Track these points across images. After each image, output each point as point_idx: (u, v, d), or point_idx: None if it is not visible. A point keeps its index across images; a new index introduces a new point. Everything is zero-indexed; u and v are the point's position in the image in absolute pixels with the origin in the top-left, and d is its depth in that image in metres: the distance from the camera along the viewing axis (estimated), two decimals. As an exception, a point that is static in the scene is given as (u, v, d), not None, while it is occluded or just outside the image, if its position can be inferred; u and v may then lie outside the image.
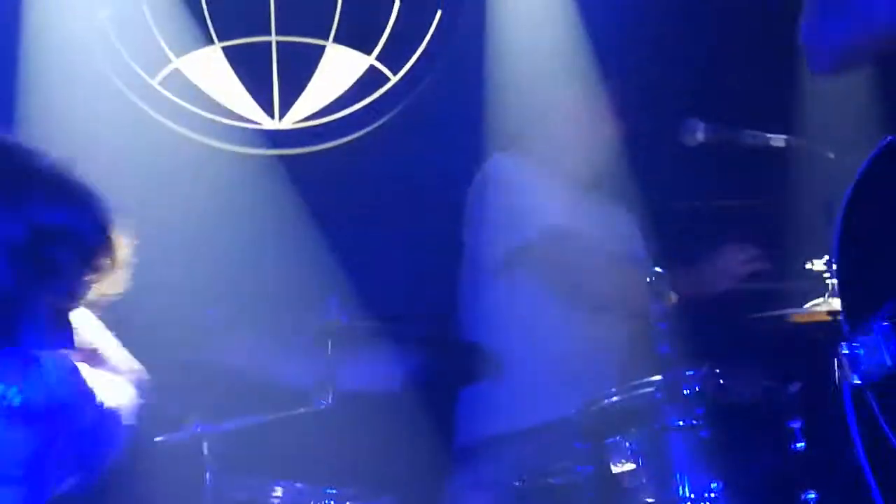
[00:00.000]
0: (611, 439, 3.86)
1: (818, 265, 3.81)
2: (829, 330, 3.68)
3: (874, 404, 2.49)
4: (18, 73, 5.05)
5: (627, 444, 3.82)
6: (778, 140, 4.21)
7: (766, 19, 5.05)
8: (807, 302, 3.86)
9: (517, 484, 3.98)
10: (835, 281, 2.77)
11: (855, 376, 2.48)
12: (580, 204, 4.74)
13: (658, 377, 3.84)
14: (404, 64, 5.32)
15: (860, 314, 2.54)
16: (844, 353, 2.48)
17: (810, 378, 3.83)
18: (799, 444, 3.88)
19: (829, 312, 3.79)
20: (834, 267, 2.67)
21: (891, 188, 2.61)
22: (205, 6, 5.17)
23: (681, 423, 3.79)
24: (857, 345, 2.51)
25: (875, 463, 2.50)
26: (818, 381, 3.85)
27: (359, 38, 5.37)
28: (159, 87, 5.23)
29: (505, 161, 4.76)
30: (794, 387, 3.91)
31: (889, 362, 2.47)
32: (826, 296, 3.86)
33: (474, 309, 4.78)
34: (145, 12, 5.15)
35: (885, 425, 2.46)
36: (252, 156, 5.23)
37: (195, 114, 5.25)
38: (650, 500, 3.84)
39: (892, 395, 2.49)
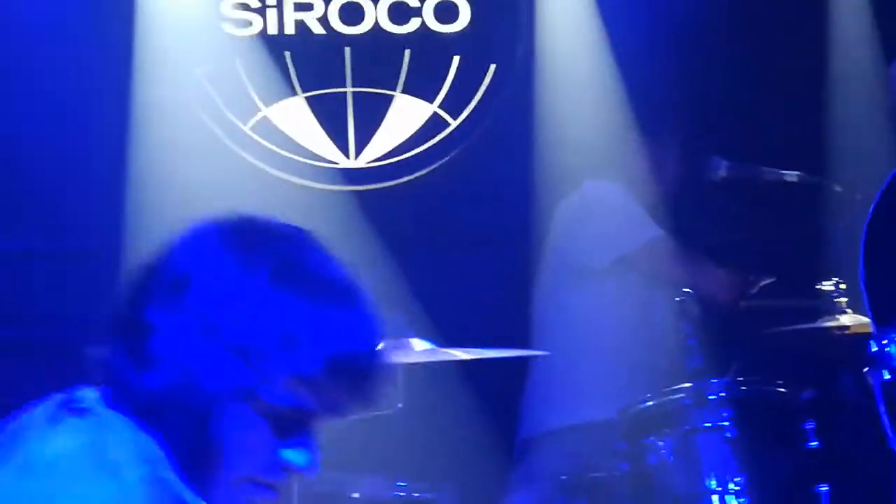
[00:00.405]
0: (647, 439, 3.84)
1: (827, 286, 3.82)
2: (838, 343, 3.69)
3: None
4: (130, 131, 4.99)
5: (661, 443, 3.84)
6: (791, 176, 4.22)
7: (786, 63, 5.06)
8: (818, 319, 3.85)
9: (563, 478, 4.02)
10: (845, 299, 2.70)
11: (885, 371, 2.46)
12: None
13: (688, 384, 3.87)
14: (463, 111, 5.26)
15: (887, 315, 2.50)
16: (874, 350, 2.46)
17: (821, 385, 3.82)
18: (812, 443, 3.88)
19: (838, 328, 3.80)
20: (860, 276, 2.59)
21: None
22: (289, 61, 5.18)
23: (708, 424, 3.81)
24: (887, 342, 2.48)
25: None
26: (829, 388, 3.87)
27: (423, 89, 5.29)
28: (250, 133, 5.20)
29: (602, 185, 4.71)
30: (808, 393, 3.92)
31: None
32: (835, 314, 3.85)
33: (553, 313, 4.69)
34: (238, 68, 5.16)
35: None
36: (330, 191, 5.19)
37: (281, 155, 5.23)
38: (684, 491, 3.81)
39: None
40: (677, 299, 4.16)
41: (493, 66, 5.31)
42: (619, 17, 5.10)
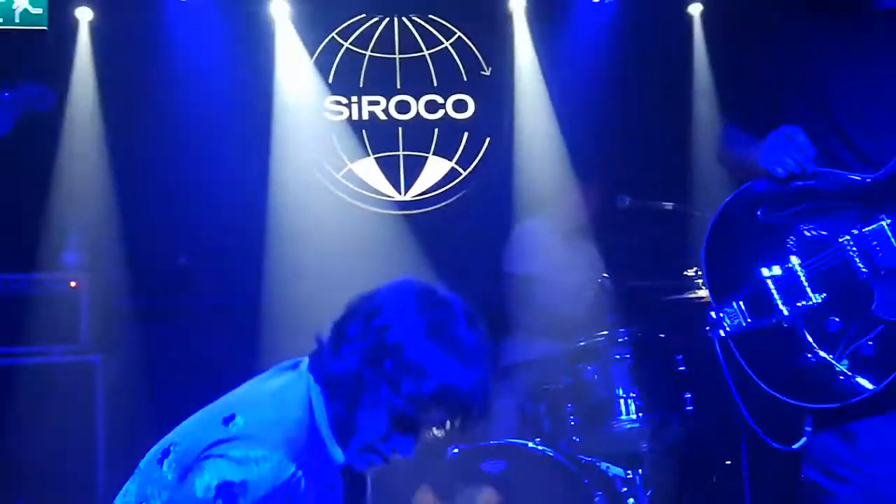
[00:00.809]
0: (580, 365, 3.80)
1: (690, 273, 3.80)
2: (697, 307, 3.68)
3: (735, 349, 2.36)
4: (270, 183, 4.92)
5: (589, 367, 3.78)
6: (669, 205, 4.19)
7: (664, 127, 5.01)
8: (685, 292, 3.84)
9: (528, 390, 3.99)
10: (701, 281, 2.67)
11: (720, 331, 2.37)
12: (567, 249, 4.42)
13: (605, 332, 3.84)
14: (470, 165, 5.24)
15: (718, 295, 2.41)
16: (712, 317, 2.39)
17: (687, 334, 3.81)
18: (681, 368, 3.87)
19: (697, 298, 3.78)
20: (702, 269, 2.51)
21: (739, 214, 2.45)
22: (364, 135, 5.19)
23: (617, 357, 3.78)
24: (723, 315, 2.38)
25: (739, 386, 2.34)
26: (691, 336, 3.85)
27: (446, 152, 5.26)
28: (341, 179, 5.18)
29: (529, 222, 4.55)
30: (678, 338, 3.91)
31: (744, 323, 2.35)
32: (695, 289, 3.79)
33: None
34: (334, 139, 5.16)
35: (742, 361, 2.35)
36: (389, 215, 5.16)
37: (359, 193, 5.19)
38: (603, 397, 3.72)
39: (747, 344, 2.36)
40: (599, 280, 4.16)
41: (488, 139, 5.29)
42: (563, 101, 5.05)
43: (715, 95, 4.92)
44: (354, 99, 5.23)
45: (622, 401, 3.72)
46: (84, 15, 4.70)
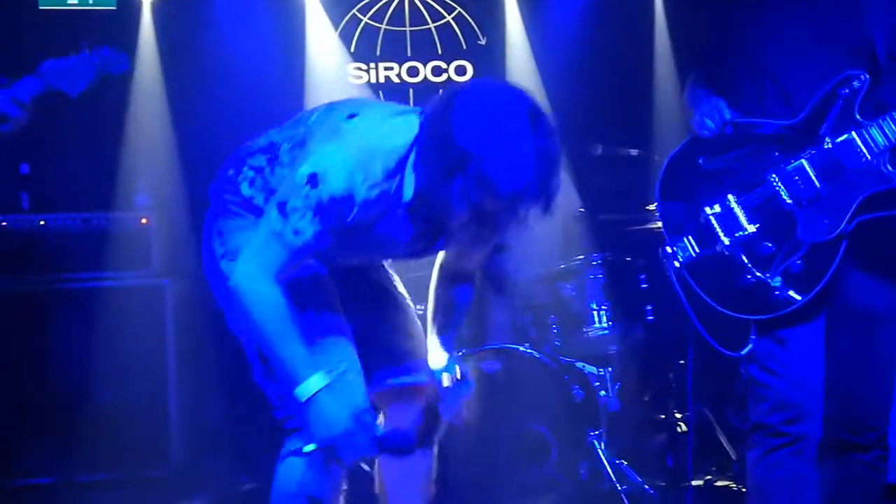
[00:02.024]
0: (560, 283, 3.82)
1: (651, 207, 3.78)
2: (658, 237, 3.68)
3: (687, 275, 2.33)
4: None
5: (568, 285, 3.81)
6: (633, 151, 4.18)
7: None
8: (648, 223, 3.78)
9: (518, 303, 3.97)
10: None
11: (676, 262, 2.34)
12: None
13: (581, 256, 3.86)
14: None
15: (670, 230, 2.38)
16: (668, 252, 2.35)
17: (650, 258, 3.81)
18: (643, 286, 3.89)
19: (658, 228, 3.77)
20: (657, 206, 2.46)
21: (684, 163, 2.39)
22: (381, 96, 5.09)
23: (591, 276, 3.80)
24: (676, 248, 2.34)
25: (695, 309, 2.32)
26: (654, 259, 3.84)
27: None
28: None
29: None
30: (641, 261, 3.92)
31: (694, 253, 2.31)
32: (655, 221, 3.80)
33: None
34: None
35: (693, 285, 2.32)
36: None
37: None
38: (579, 309, 3.76)
39: (698, 270, 2.32)
40: (576, 214, 4.16)
41: None
42: (547, 65, 4.93)
43: (673, 58, 4.87)
44: (372, 65, 5.14)
45: (595, 312, 3.77)
46: None
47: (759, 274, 2.26)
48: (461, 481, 3.28)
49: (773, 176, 2.26)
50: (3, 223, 3.91)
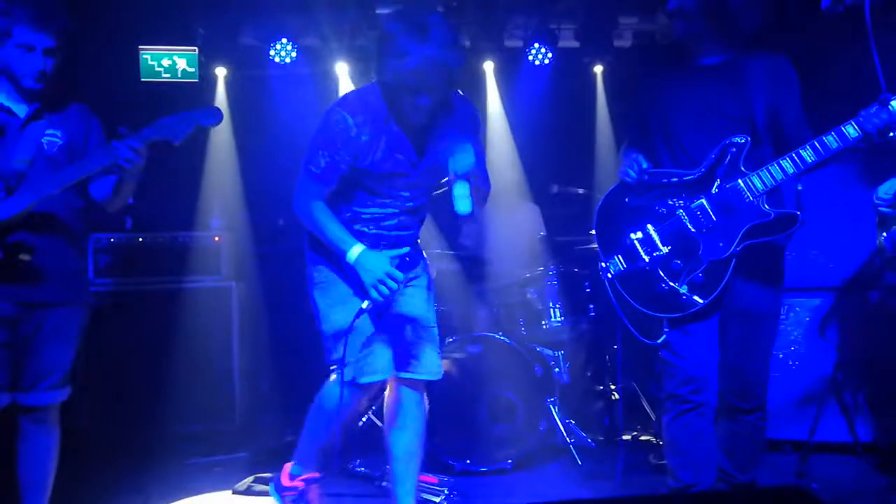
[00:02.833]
0: (525, 289, 3.78)
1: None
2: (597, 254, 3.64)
3: (618, 284, 2.37)
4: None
5: (532, 290, 3.77)
6: (580, 190, 4.17)
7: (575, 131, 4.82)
8: (591, 244, 3.79)
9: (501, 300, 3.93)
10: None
11: (609, 274, 2.38)
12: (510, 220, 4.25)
13: (542, 268, 3.82)
14: None
15: (606, 251, 2.42)
16: (602, 265, 2.40)
17: (592, 269, 3.78)
18: (587, 290, 3.87)
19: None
20: (594, 228, 2.50)
21: (615, 200, 2.44)
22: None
23: (548, 283, 3.77)
24: (608, 264, 2.39)
25: (622, 306, 2.36)
26: (595, 270, 3.80)
27: None
28: None
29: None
30: (585, 272, 3.86)
31: (622, 268, 2.35)
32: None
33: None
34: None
35: (625, 294, 2.36)
36: None
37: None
38: (540, 307, 3.72)
39: (625, 280, 2.36)
40: (538, 236, 4.13)
41: None
42: (517, 125, 4.88)
43: (610, 122, 4.87)
44: (387, 124, 5.17)
45: (551, 309, 3.77)
46: (221, 72, 4.64)
47: (671, 283, 2.30)
48: (450, 434, 3.30)
49: (681, 211, 2.34)
50: (112, 239, 3.91)
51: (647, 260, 2.33)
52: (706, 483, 2.33)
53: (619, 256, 2.38)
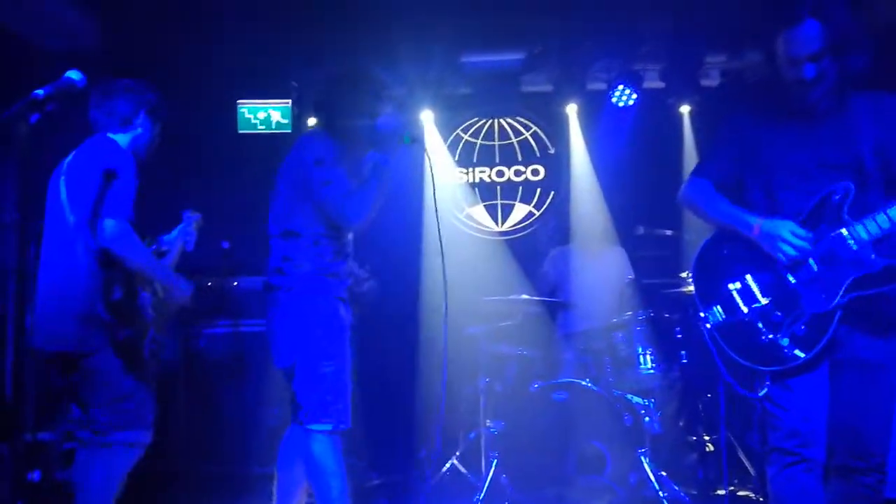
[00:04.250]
0: (614, 333, 3.70)
1: (684, 275, 3.69)
2: (689, 298, 3.54)
3: (717, 335, 2.23)
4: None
5: (620, 334, 3.68)
6: (668, 232, 4.10)
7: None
8: (683, 287, 3.67)
9: (582, 349, 3.89)
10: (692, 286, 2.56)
11: (707, 325, 2.27)
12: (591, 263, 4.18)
13: (630, 313, 3.75)
14: (541, 209, 5.17)
15: (705, 301, 2.29)
16: (702, 316, 2.26)
17: (683, 314, 3.71)
18: (678, 336, 3.74)
19: (689, 292, 3.64)
20: (691, 277, 2.38)
21: (713, 249, 2.31)
22: (476, 191, 5.20)
23: (637, 328, 3.69)
24: (707, 314, 2.23)
25: (723, 361, 2.23)
26: (686, 315, 3.70)
27: (526, 200, 5.19)
28: (463, 217, 5.18)
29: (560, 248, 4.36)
30: (676, 317, 3.77)
31: (721, 318, 2.22)
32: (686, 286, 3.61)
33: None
34: (458, 194, 5.17)
35: (724, 346, 2.22)
36: (491, 240, 5.11)
37: (473, 225, 5.17)
38: (629, 353, 3.63)
39: (725, 331, 2.22)
40: (627, 280, 4.06)
41: (553, 192, 5.22)
42: (601, 168, 4.88)
43: (697, 159, 4.78)
44: (470, 169, 5.25)
45: (641, 356, 3.67)
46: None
47: (770, 336, 2.19)
48: (537, 484, 3.25)
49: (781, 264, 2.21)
50: (210, 283, 4.04)
51: (745, 311, 2.23)
52: None
53: (718, 307, 2.27)
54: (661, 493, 3.29)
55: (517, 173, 5.24)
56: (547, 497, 3.24)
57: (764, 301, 2.22)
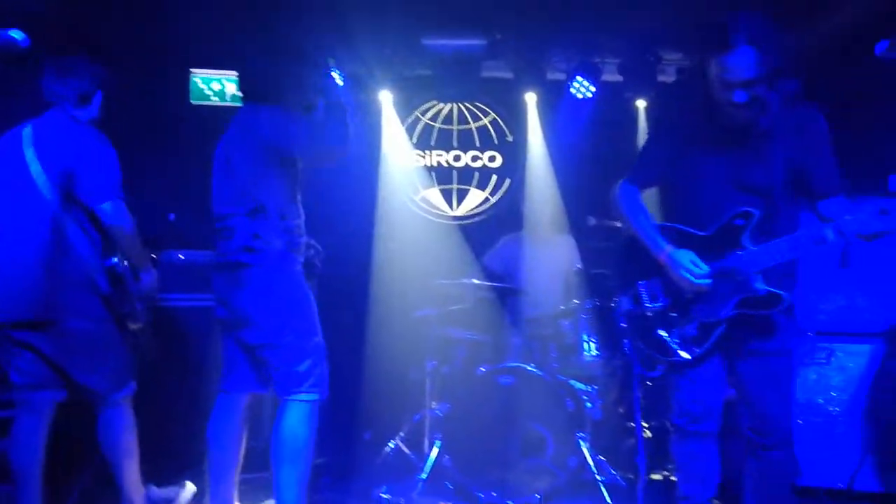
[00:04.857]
0: (561, 321, 3.76)
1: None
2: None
3: (624, 320, 2.49)
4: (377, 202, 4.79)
5: (566, 322, 3.74)
6: (617, 223, 4.12)
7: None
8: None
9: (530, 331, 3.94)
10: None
11: (620, 309, 2.49)
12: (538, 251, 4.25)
13: (577, 301, 3.81)
14: (496, 195, 5.19)
15: (619, 288, 2.51)
16: (614, 301, 2.56)
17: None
18: (622, 325, 3.80)
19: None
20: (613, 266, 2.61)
21: (637, 245, 2.43)
22: (433, 175, 5.19)
23: (583, 316, 3.76)
24: (618, 300, 2.51)
25: (629, 343, 2.48)
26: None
27: (482, 186, 5.20)
28: (418, 201, 5.16)
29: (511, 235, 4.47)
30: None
31: (628, 307, 2.45)
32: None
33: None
34: (415, 178, 5.15)
35: (629, 330, 2.46)
36: (445, 224, 5.11)
37: (428, 209, 5.17)
38: (573, 340, 3.70)
39: (632, 320, 2.45)
40: (575, 269, 4.11)
41: (509, 180, 5.25)
42: (557, 157, 4.93)
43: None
44: (428, 152, 5.23)
45: (585, 343, 3.73)
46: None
47: (664, 332, 2.36)
48: (479, 465, 3.28)
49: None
50: (154, 256, 3.89)
51: (648, 306, 2.41)
52: (701, 497, 2.39)
53: (628, 297, 2.46)
54: (598, 477, 3.36)
55: (474, 159, 5.24)
56: (489, 479, 3.27)
57: (664, 302, 2.38)
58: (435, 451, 3.37)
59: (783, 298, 2.19)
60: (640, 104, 4.98)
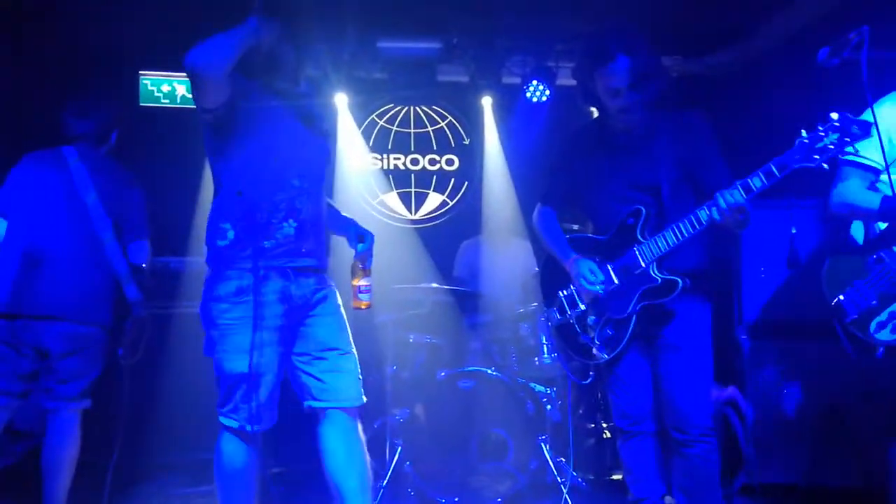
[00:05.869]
0: (519, 324, 3.76)
1: None
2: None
3: (553, 332, 2.59)
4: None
5: (525, 325, 3.75)
6: (574, 226, 4.14)
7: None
8: None
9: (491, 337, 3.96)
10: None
11: (551, 322, 2.59)
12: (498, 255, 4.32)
13: (535, 304, 3.78)
14: (455, 198, 5.21)
15: (547, 301, 2.63)
16: (544, 313, 2.63)
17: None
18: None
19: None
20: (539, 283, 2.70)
21: (556, 260, 2.60)
22: (391, 179, 5.17)
23: (542, 318, 3.72)
24: (548, 314, 2.62)
25: (561, 354, 2.62)
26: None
27: (440, 189, 5.21)
28: (375, 204, 5.14)
29: (471, 240, 4.53)
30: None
31: (557, 318, 2.56)
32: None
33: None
34: (372, 181, 5.13)
35: (560, 341, 2.57)
36: (404, 227, 5.11)
37: (386, 213, 5.15)
38: (532, 343, 3.69)
39: (561, 331, 2.56)
40: (533, 273, 4.13)
41: (466, 182, 5.26)
42: (513, 160, 4.97)
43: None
44: (385, 156, 5.22)
45: (544, 346, 3.71)
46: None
47: (584, 338, 2.50)
48: (440, 470, 3.27)
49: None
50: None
51: (570, 314, 2.54)
52: (654, 496, 2.46)
53: (554, 309, 2.59)
54: (559, 479, 3.38)
55: (432, 162, 5.25)
56: (450, 484, 3.26)
57: (582, 307, 2.52)
58: (395, 458, 3.34)
59: (678, 283, 2.31)
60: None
